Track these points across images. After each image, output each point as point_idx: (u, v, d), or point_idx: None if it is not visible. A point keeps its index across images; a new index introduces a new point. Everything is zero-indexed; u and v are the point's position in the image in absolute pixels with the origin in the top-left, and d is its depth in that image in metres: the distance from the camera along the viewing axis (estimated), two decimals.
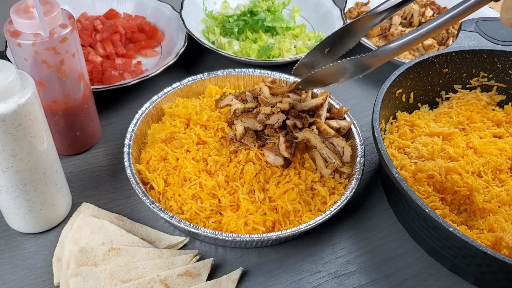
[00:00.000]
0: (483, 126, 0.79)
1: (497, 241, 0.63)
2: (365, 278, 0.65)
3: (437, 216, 0.56)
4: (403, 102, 0.80)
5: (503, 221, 0.64)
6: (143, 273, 0.60)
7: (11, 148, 0.54)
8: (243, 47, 0.96)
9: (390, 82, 0.73)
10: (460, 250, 0.59)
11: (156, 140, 0.72)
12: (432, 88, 0.83)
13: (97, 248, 0.61)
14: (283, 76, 0.83)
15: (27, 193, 0.60)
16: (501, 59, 0.81)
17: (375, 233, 0.70)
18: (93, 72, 0.86)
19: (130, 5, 1.03)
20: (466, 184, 0.68)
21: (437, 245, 0.63)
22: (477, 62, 0.82)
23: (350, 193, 0.66)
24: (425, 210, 0.57)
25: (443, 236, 0.60)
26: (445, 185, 0.69)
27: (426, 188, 0.68)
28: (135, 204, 0.71)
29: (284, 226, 0.65)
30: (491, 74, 0.83)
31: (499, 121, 0.80)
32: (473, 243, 0.54)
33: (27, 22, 0.59)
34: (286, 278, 0.64)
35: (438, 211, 0.66)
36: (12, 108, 0.51)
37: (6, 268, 0.62)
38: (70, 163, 0.76)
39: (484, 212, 0.67)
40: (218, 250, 0.66)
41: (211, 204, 0.65)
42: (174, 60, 0.88)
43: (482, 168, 0.71)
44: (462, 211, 0.69)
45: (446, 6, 1.09)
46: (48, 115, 0.69)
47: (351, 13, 1.04)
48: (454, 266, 0.65)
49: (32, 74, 0.61)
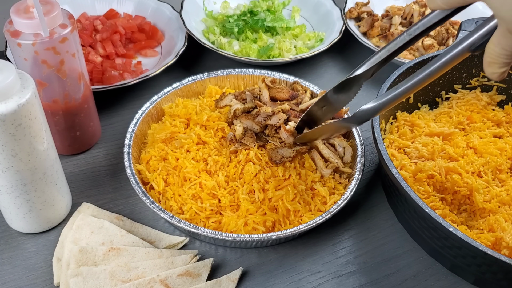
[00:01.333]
0: (483, 126, 0.79)
1: (497, 241, 0.63)
2: (365, 278, 0.65)
3: (437, 216, 0.56)
4: (403, 102, 0.80)
5: (503, 221, 0.64)
6: (143, 273, 0.60)
7: (11, 148, 0.54)
8: (243, 47, 0.95)
9: (390, 82, 0.73)
10: (460, 250, 0.59)
11: (156, 140, 0.72)
12: (432, 88, 0.83)
13: (97, 248, 0.61)
14: (283, 76, 0.83)
15: (27, 193, 0.60)
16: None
17: (375, 233, 0.70)
18: (93, 72, 0.86)
19: (130, 5, 1.03)
20: (466, 184, 0.68)
21: (437, 245, 0.63)
22: (477, 62, 0.82)
23: (350, 193, 0.66)
24: (425, 210, 0.57)
25: (443, 236, 0.60)
26: (445, 185, 0.69)
27: (426, 188, 0.68)
28: (135, 204, 0.71)
29: (284, 226, 0.65)
30: None
31: (499, 121, 0.80)
32: (473, 243, 0.54)
33: (27, 22, 0.59)
34: (286, 278, 0.64)
35: (438, 211, 0.66)
36: (12, 108, 0.51)
37: (6, 268, 0.62)
38: (70, 163, 0.76)
39: (484, 212, 0.67)
40: (218, 250, 0.66)
41: (211, 204, 0.65)
42: (174, 60, 0.88)
43: (482, 168, 0.71)
44: (462, 211, 0.69)
45: None
46: (48, 115, 0.69)
47: (351, 13, 1.04)
48: (454, 266, 0.65)
49: (32, 74, 0.61)
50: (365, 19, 1.03)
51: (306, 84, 0.81)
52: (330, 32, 1.00)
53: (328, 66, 1.00)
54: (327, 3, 1.06)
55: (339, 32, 0.98)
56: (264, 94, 0.75)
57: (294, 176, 0.67)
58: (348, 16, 1.04)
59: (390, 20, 1.03)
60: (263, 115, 0.71)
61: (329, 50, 1.03)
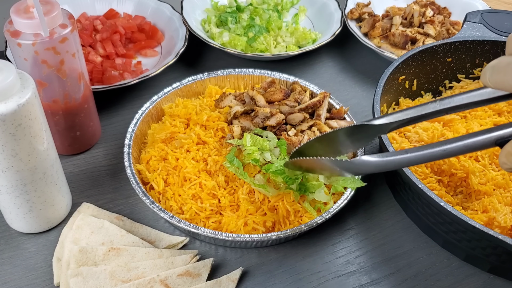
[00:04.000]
0: (484, 115, 0.79)
1: (490, 221, 0.64)
2: (365, 278, 0.65)
3: (431, 193, 0.58)
4: (406, 88, 0.81)
5: (496, 202, 0.65)
6: (143, 273, 0.60)
7: (11, 148, 0.54)
8: (232, 38, 0.96)
9: (393, 67, 0.74)
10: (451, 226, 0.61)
11: (156, 140, 0.72)
12: (435, 76, 0.83)
13: (97, 248, 0.61)
14: (283, 76, 0.83)
15: (27, 193, 0.60)
16: (504, 50, 0.81)
17: (375, 233, 0.70)
18: (93, 72, 0.86)
19: (130, 5, 1.03)
20: (463, 167, 0.70)
21: (430, 222, 0.65)
22: (481, 53, 0.82)
23: (350, 193, 0.66)
24: (415, 183, 0.59)
25: (435, 212, 0.62)
26: (443, 168, 0.70)
27: (423, 170, 0.70)
28: (135, 204, 0.71)
29: (284, 227, 0.65)
30: None
31: (500, 110, 0.80)
32: (463, 217, 0.56)
33: (27, 22, 0.59)
34: (286, 278, 0.64)
35: (435, 191, 0.67)
36: (12, 108, 0.51)
37: (6, 268, 0.62)
38: (70, 163, 0.76)
39: (479, 194, 0.68)
40: (218, 250, 0.66)
41: (211, 204, 0.65)
42: (174, 60, 0.88)
43: (479, 152, 0.72)
44: (458, 193, 0.70)
45: (446, 6, 1.09)
46: (48, 115, 0.69)
47: (352, 14, 1.04)
48: (446, 242, 0.66)
49: (32, 74, 0.61)
50: (366, 20, 1.03)
51: (306, 84, 0.81)
52: (330, 32, 1.00)
53: (328, 66, 1.00)
54: (332, 5, 1.06)
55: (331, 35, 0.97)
56: (260, 100, 0.75)
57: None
58: (349, 17, 1.04)
59: (390, 21, 1.03)
60: (262, 116, 0.71)
61: (330, 50, 1.03)
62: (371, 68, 1.00)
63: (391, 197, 0.75)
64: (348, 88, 0.95)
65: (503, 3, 1.23)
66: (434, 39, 0.99)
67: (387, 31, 1.02)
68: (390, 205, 0.74)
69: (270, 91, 0.76)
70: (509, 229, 0.63)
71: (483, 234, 0.55)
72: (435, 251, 0.68)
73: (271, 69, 0.84)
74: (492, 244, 0.59)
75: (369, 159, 0.51)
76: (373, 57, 1.03)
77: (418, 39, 0.99)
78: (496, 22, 0.84)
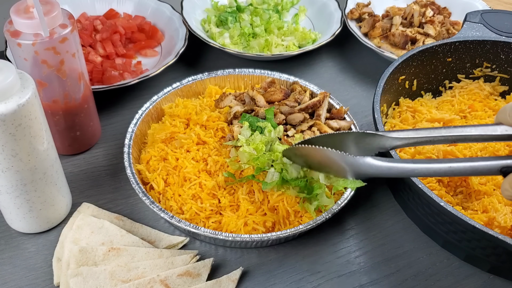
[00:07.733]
0: (484, 115, 0.80)
1: (490, 221, 0.64)
2: (365, 278, 0.64)
3: (431, 193, 0.58)
4: (406, 88, 0.81)
5: (496, 202, 0.65)
6: (143, 273, 0.60)
7: (11, 148, 0.54)
8: (233, 40, 0.97)
9: (393, 67, 0.74)
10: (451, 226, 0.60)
11: (156, 140, 0.72)
12: (435, 76, 0.84)
13: (97, 248, 0.61)
14: (283, 76, 0.83)
15: (27, 193, 0.60)
16: (504, 50, 0.81)
17: (375, 233, 0.70)
18: (93, 72, 0.86)
19: (130, 5, 1.03)
20: None
21: (430, 222, 0.65)
22: (481, 53, 0.83)
23: (350, 193, 0.66)
24: (416, 183, 0.58)
25: (435, 212, 0.61)
26: None
27: None
28: (135, 204, 0.71)
29: (284, 227, 0.65)
30: (495, 65, 0.84)
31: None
32: (463, 217, 0.55)
33: (27, 22, 0.59)
34: (286, 278, 0.64)
35: (435, 191, 0.67)
36: (12, 108, 0.51)
37: (6, 268, 0.62)
38: (70, 163, 0.76)
39: (479, 194, 0.69)
40: (218, 250, 0.66)
41: (211, 204, 0.65)
42: (174, 60, 0.88)
43: (480, 153, 0.72)
44: (458, 193, 0.70)
45: (446, 6, 1.09)
46: (48, 115, 0.69)
47: (352, 14, 1.04)
48: (446, 242, 0.66)
49: (32, 74, 0.61)
50: (366, 20, 1.03)
51: (306, 84, 0.81)
52: (329, 32, 1.00)
53: (328, 66, 1.00)
54: (332, 5, 1.06)
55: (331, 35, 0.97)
56: (260, 100, 0.75)
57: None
58: (349, 17, 1.04)
59: (390, 21, 1.03)
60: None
61: (330, 50, 1.03)
62: (371, 68, 1.00)
63: (391, 197, 0.75)
64: (348, 88, 0.95)
65: (503, 3, 1.23)
66: (434, 39, 0.99)
67: (387, 31, 1.02)
68: (390, 205, 0.74)
69: (270, 91, 0.77)
70: (509, 229, 0.63)
71: (483, 234, 0.55)
72: (435, 251, 0.68)
73: (271, 69, 0.84)
74: (492, 244, 0.59)
75: (374, 162, 0.50)
76: (373, 57, 1.03)
77: (418, 39, 0.99)
78: (496, 22, 0.84)
